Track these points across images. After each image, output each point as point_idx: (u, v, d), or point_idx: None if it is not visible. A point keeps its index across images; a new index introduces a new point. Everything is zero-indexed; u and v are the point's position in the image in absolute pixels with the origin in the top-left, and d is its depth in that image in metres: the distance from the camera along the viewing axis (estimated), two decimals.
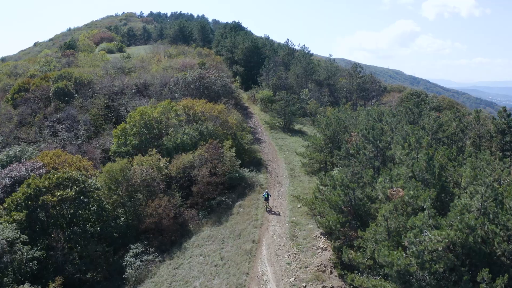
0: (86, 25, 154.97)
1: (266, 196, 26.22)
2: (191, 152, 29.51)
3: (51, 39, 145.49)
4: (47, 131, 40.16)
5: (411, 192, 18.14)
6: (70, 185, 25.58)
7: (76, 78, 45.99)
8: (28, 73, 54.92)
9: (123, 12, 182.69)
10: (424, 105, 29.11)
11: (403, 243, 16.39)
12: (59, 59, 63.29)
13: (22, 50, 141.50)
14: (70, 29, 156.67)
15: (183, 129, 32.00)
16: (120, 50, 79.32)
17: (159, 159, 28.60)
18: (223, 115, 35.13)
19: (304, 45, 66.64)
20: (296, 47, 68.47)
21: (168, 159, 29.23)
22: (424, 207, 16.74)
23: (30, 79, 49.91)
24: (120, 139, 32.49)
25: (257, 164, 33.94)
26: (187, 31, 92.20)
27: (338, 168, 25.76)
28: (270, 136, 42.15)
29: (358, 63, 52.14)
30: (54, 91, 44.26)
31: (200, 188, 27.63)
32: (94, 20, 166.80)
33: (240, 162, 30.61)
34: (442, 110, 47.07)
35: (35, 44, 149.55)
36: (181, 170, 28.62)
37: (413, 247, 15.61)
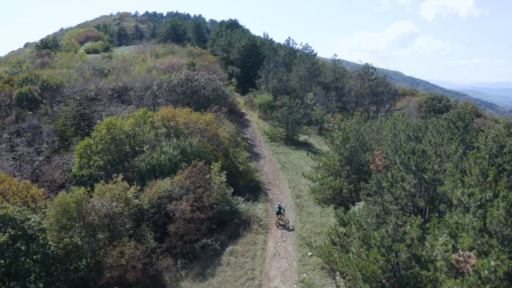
0: (79, 25, 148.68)
1: (278, 209, 22.94)
2: (169, 177, 22.96)
3: (42, 40, 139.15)
4: (4, 145, 33.56)
5: (492, 263, 11.70)
6: (6, 226, 19.28)
7: (44, 81, 39.35)
8: None
9: (118, 12, 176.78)
10: (469, 116, 22.53)
11: None
12: (33, 59, 56.58)
13: (13, 51, 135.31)
14: (62, 29, 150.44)
15: (161, 146, 25.45)
16: (106, 49, 72.64)
17: (127, 187, 22.03)
18: (213, 127, 28.52)
19: (306, 44, 59.85)
20: (298, 46, 61.86)
21: (139, 187, 22.68)
22: None
23: None
24: (83, 159, 25.90)
25: (255, 189, 27.30)
26: (180, 29, 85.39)
27: (363, 203, 19.30)
28: (270, 149, 35.53)
29: (371, 65, 45.54)
30: (16, 97, 37.70)
31: (179, 228, 21.05)
32: (88, 20, 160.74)
33: (232, 190, 23.94)
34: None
35: (26, 45, 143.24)
36: (156, 202, 22.08)
37: None
